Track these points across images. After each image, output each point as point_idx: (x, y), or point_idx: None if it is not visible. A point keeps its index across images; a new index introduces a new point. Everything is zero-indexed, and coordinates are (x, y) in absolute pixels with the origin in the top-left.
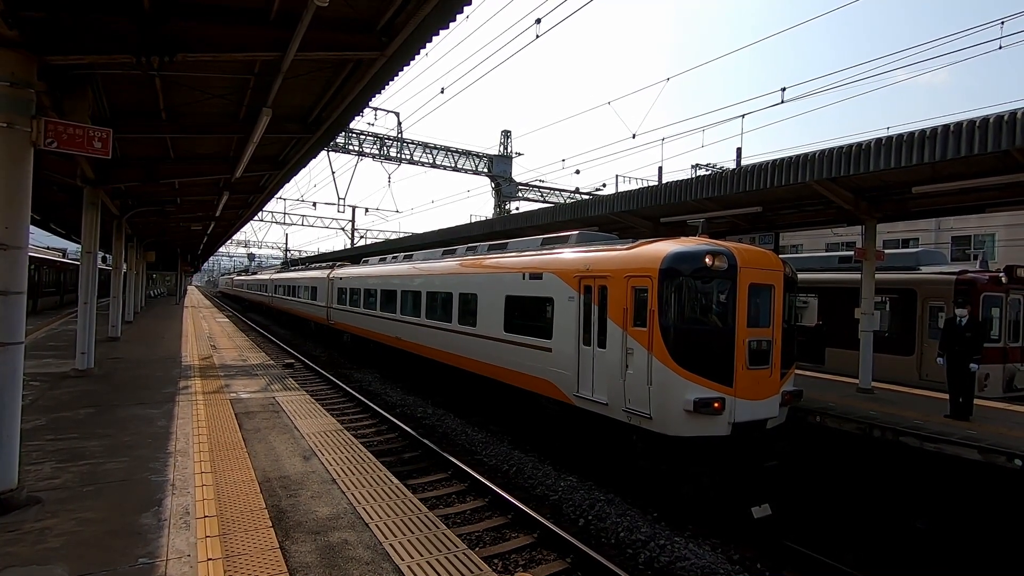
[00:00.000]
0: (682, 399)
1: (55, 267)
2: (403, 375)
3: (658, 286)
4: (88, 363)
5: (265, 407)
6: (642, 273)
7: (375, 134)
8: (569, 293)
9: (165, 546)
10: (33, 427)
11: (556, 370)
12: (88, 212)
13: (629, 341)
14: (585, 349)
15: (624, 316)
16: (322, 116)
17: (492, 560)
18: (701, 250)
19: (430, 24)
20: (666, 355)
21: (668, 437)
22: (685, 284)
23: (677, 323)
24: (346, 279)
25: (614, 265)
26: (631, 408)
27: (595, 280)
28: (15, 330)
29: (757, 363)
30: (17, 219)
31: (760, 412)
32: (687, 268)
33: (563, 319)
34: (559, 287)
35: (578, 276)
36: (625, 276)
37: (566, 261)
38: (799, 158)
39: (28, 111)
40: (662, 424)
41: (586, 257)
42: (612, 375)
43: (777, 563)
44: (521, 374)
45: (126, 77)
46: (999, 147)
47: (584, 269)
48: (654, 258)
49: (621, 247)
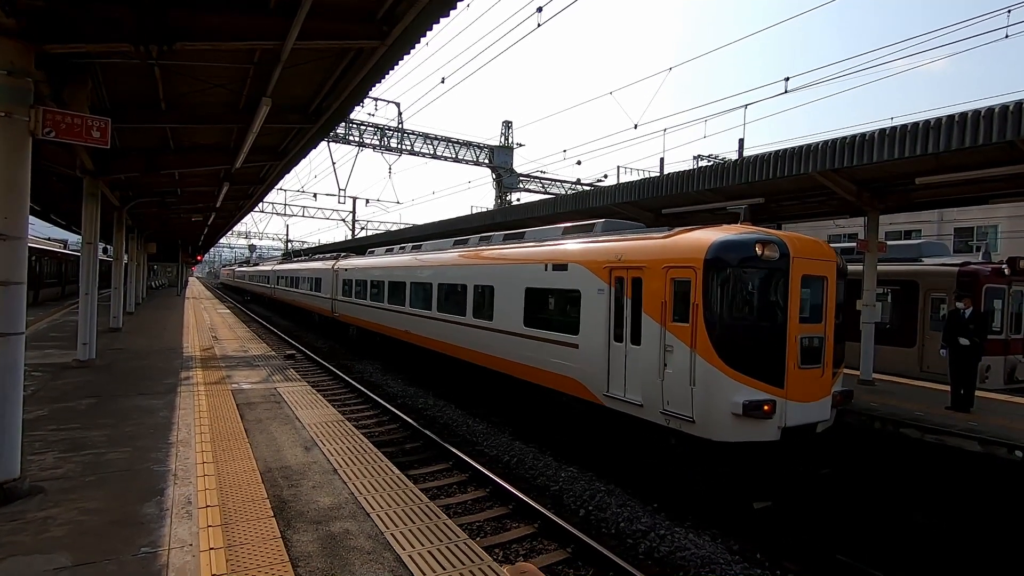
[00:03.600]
0: (729, 401)
1: (56, 258)
2: (404, 366)
3: (703, 278)
4: (90, 354)
5: (266, 398)
6: (684, 263)
7: (376, 124)
8: (598, 285)
9: (167, 535)
10: (35, 417)
11: (583, 368)
12: (88, 203)
13: (668, 337)
14: (616, 346)
15: (662, 310)
16: (322, 106)
17: (493, 550)
18: (750, 238)
19: (431, 12)
20: (712, 353)
21: (712, 442)
22: (733, 275)
23: (724, 318)
24: (351, 270)
25: (651, 255)
26: (670, 410)
27: (628, 271)
28: (16, 320)
29: (809, 362)
30: (16, 209)
31: (811, 415)
32: (735, 258)
33: (591, 313)
34: (586, 279)
35: (608, 267)
36: (663, 267)
37: (594, 251)
38: (802, 149)
39: (26, 100)
40: (706, 428)
41: (617, 247)
42: (648, 374)
43: (776, 554)
44: (543, 371)
45: (125, 66)
46: (1004, 137)
47: (616, 260)
48: (698, 247)
49: (656, 235)
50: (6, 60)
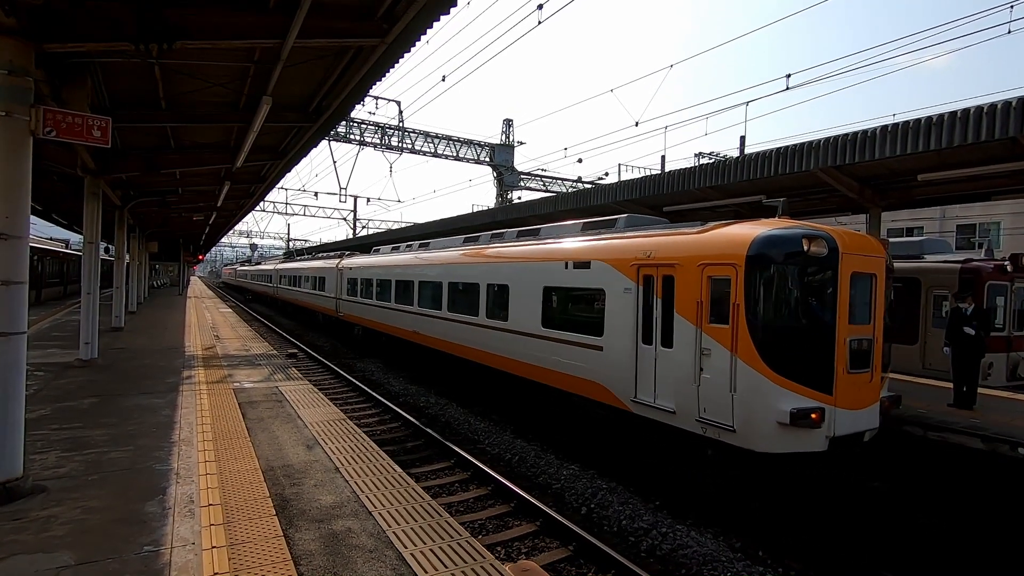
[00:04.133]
0: (775, 409)
1: (58, 258)
2: (406, 365)
3: (745, 276)
4: (92, 353)
5: (268, 396)
6: (723, 260)
7: (376, 123)
8: (624, 284)
9: (169, 534)
10: (38, 417)
11: (608, 372)
12: (89, 202)
13: (704, 340)
14: (645, 348)
15: (697, 311)
16: (323, 105)
17: (495, 547)
18: (796, 233)
19: (431, 10)
20: (755, 357)
21: (755, 454)
22: (779, 273)
23: (769, 320)
24: (356, 269)
25: (684, 252)
26: (707, 418)
27: (658, 269)
28: (17, 320)
29: (858, 366)
30: (17, 209)
31: (860, 423)
32: (780, 254)
33: (617, 313)
34: (612, 277)
35: (636, 265)
36: (699, 264)
37: (620, 248)
38: (804, 146)
39: (26, 100)
40: (748, 438)
41: (646, 243)
42: (681, 379)
43: (779, 552)
44: (563, 375)
45: (125, 65)
46: (1006, 133)
47: (644, 257)
48: (739, 243)
49: (689, 231)
50: (6, 59)
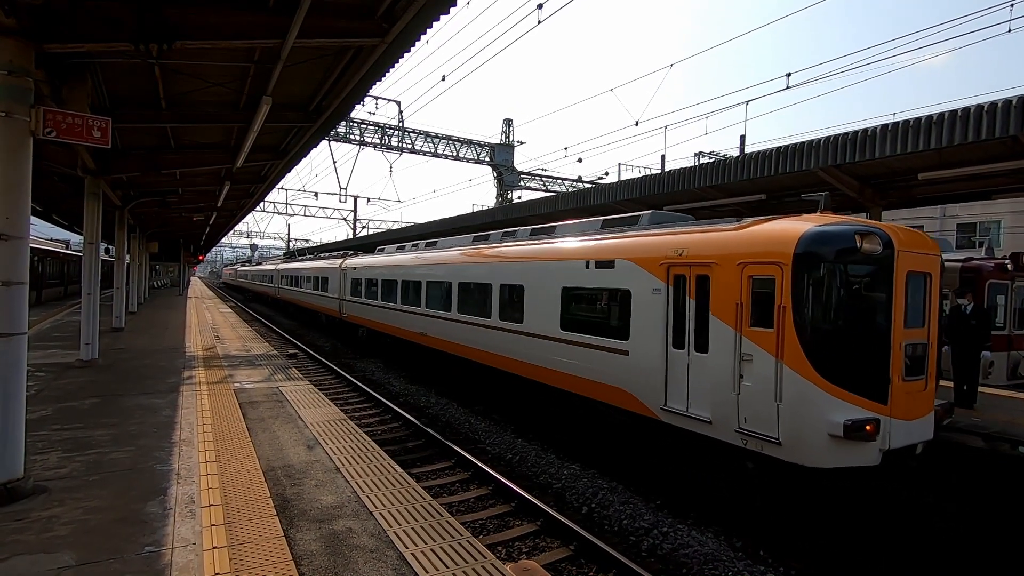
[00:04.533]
0: (827, 420)
1: (58, 258)
2: (407, 365)
3: (792, 276)
4: (92, 353)
5: (269, 397)
6: (766, 259)
7: (376, 123)
8: (653, 284)
9: (171, 534)
10: (39, 417)
11: (634, 378)
12: (89, 202)
13: (745, 344)
14: (676, 353)
15: (737, 313)
16: (323, 104)
17: (496, 547)
18: (848, 229)
19: (431, 9)
20: (804, 364)
21: (804, 469)
22: (830, 273)
23: (820, 323)
24: (361, 269)
25: (721, 250)
26: (748, 429)
27: (691, 268)
28: (18, 320)
29: (913, 373)
30: (17, 209)
31: (914, 435)
32: (831, 252)
33: (644, 315)
34: (638, 277)
35: (666, 264)
36: (739, 263)
37: (647, 246)
38: (804, 145)
39: (26, 100)
40: (796, 451)
41: (677, 240)
42: (718, 386)
43: (780, 551)
44: (584, 380)
45: (125, 65)
46: (1007, 132)
47: (675, 255)
48: (785, 240)
49: (725, 227)
50: (6, 59)
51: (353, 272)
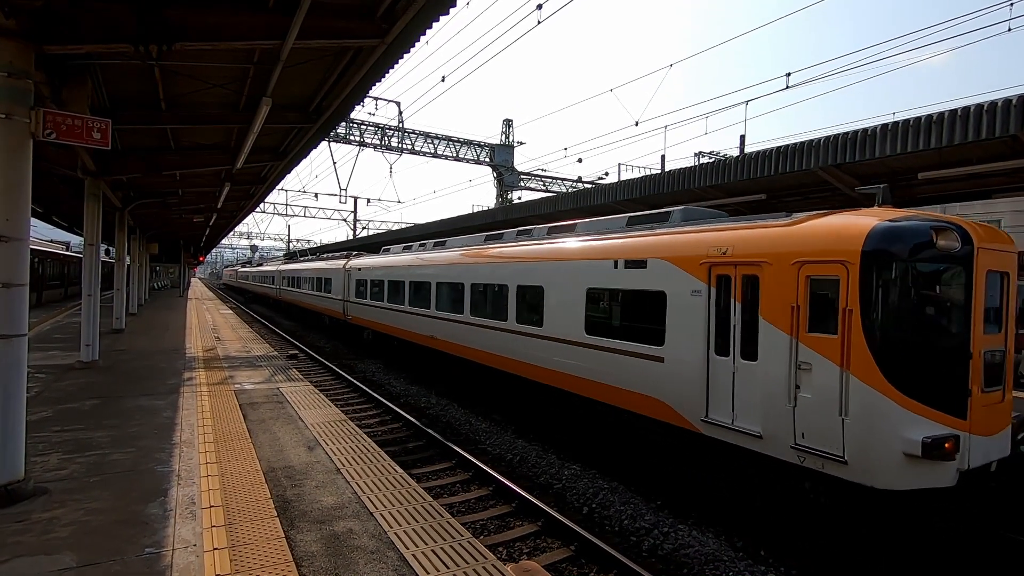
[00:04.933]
0: (902, 438)
1: (59, 260)
2: (407, 366)
3: (861, 276)
4: (93, 355)
5: (269, 398)
6: (828, 257)
7: (376, 124)
8: (692, 285)
9: (171, 536)
10: (39, 419)
11: (671, 386)
12: (89, 204)
13: (803, 352)
14: (719, 361)
15: (792, 317)
16: (323, 105)
17: (496, 548)
18: (922, 224)
19: (430, 10)
20: (875, 374)
21: (873, 491)
22: (904, 272)
23: (893, 328)
24: (366, 270)
25: (773, 247)
26: (806, 445)
27: (737, 268)
28: (18, 322)
29: (991, 383)
30: (17, 211)
31: (992, 452)
32: (905, 249)
33: (681, 319)
34: (675, 277)
35: (707, 263)
36: (794, 262)
37: (684, 244)
38: (804, 145)
39: (26, 102)
40: (864, 471)
41: (720, 238)
42: (770, 397)
43: (781, 551)
44: (612, 388)
45: (125, 67)
46: (1007, 131)
47: (718, 254)
48: (850, 236)
49: (774, 223)
50: (6, 61)
51: (358, 273)
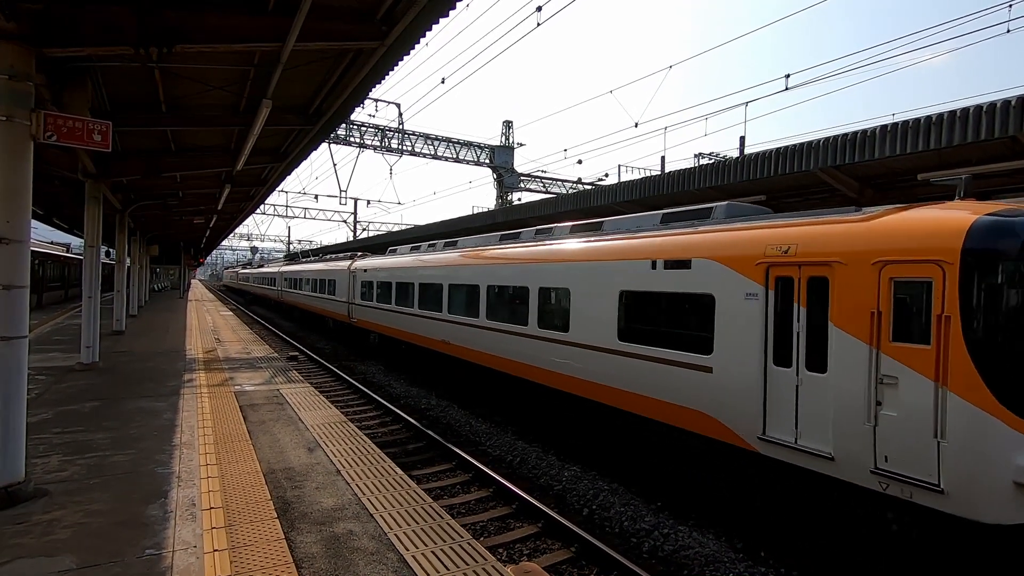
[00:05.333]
0: (1013, 465)
1: (59, 261)
2: (407, 367)
3: (961, 278)
4: (93, 357)
5: (269, 399)
6: (918, 256)
7: (376, 125)
8: (745, 287)
9: (171, 537)
10: (40, 420)
11: (721, 399)
12: (90, 206)
13: (886, 364)
14: (780, 372)
15: (872, 324)
16: (323, 107)
17: (497, 549)
18: None
19: (430, 12)
20: (980, 390)
21: (978, 525)
22: (1012, 274)
23: (1004, 339)
24: (372, 271)
25: (846, 245)
26: (890, 470)
27: (801, 269)
28: (19, 324)
29: None
30: (18, 213)
31: None
32: (1016, 247)
33: (733, 325)
34: (725, 279)
35: (764, 263)
36: (875, 262)
37: (736, 242)
38: (804, 146)
39: (27, 104)
40: (968, 503)
41: (778, 235)
42: (844, 415)
43: (781, 552)
44: (650, 400)
45: (125, 69)
46: (1006, 132)
47: (778, 253)
48: (945, 232)
49: (845, 218)
50: (6, 64)
51: (364, 274)
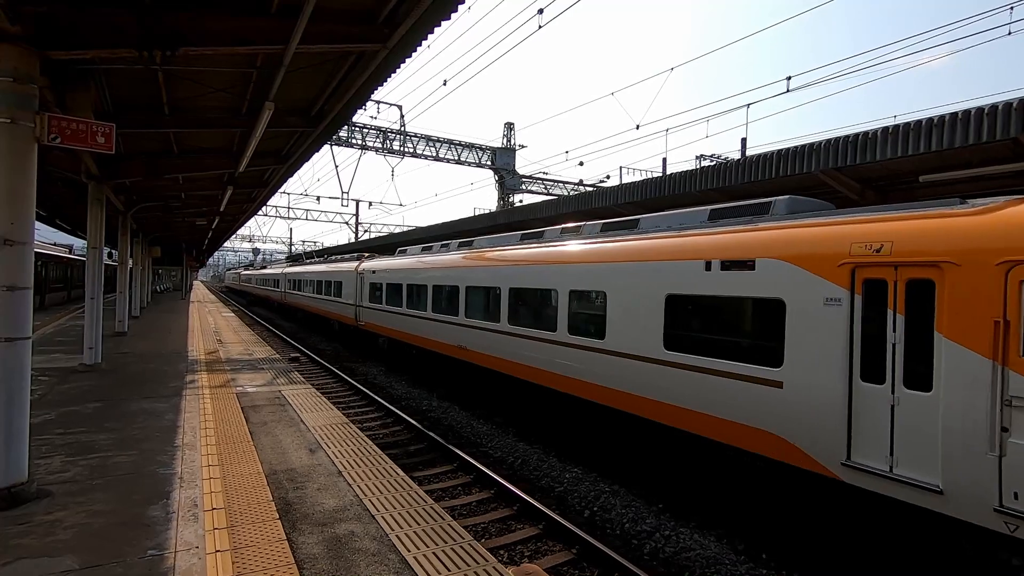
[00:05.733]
0: None
1: (62, 263)
2: (408, 369)
3: None
4: (96, 358)
5: (271, 401)
6: None
7: (378, 127)
8: (825, 292)
9: (174, 538)
10: (42, 421)
11: (793, 418)
12: (93, 207)
13: (1016, 383)
14: (868, 389)
15: (996, 336)
16: (324, 109)
17: (498, 551)
18: None
19: (432, 15)
20: None
21: None
22: None
23: None
24: (381, 273)
25: (960, 242)
26: (1020, 510)
27: (899, 270)
28: (22, 325)
29: None
30: (22, 215)
31: None
32: None
33: (809, 334)
34: (798, 282)
35: (850, 264)
36: (1000, 263)
37: (811, 239)
38: (805, 148)
39: (31, 107)
40: None
41: (867, 231)
42: (958, 441)
43: (782, 554)
44: (704, 416)
45: (128, 72)
46: (1007, 134)
47: (867, 252)
48: None
49: (951, 211)
50: (11, 67)
51: (372, 276)
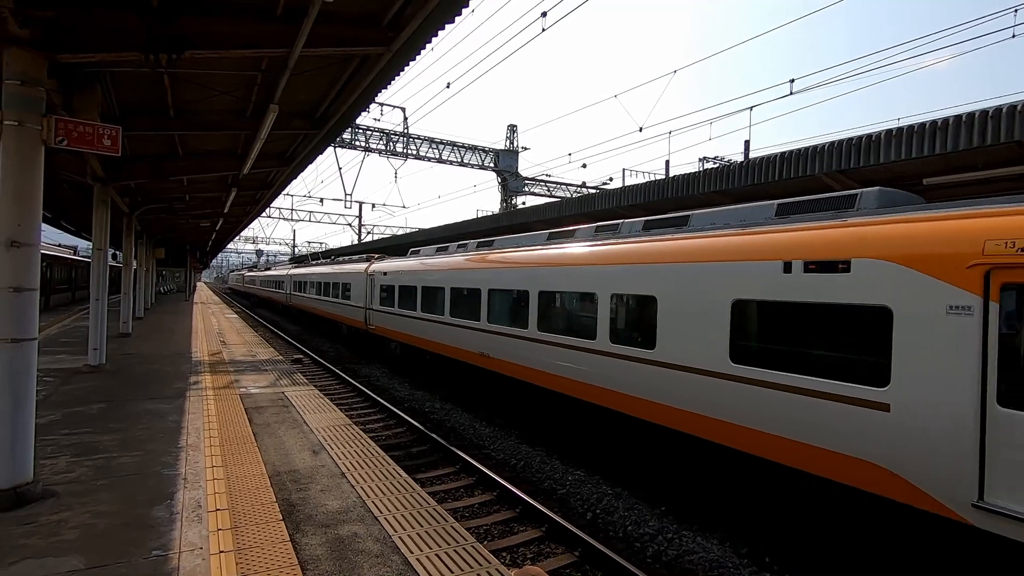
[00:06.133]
0: None
1: (66, 264)
2: (410, 370)
3: None
4: (100, 359)
5: (274, 402)
6: None
7: (381, 129)
8: (947, 298)
9: (178, 539)
10: (48, 422)
11: (903, 447)
12: (98, 209)
13: None
14: (1009, 416)
15: None
16: (328, 112)
17: (500, 553)
18: None
19: (436, 18)
20: None
21: None
22: None
23: None
24: (394, 274)
25: None
26: None
27: None
28: (28, 326)
29: None
30: (29, 217)
31: None
32: None
33: (925, 349)
34: (909, 286)
35: (983, 265)
36: None
37: (926, 236)
38: (808, 150)
39: (39, 109)
40: None
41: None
42: None
43: (785, 558)
44: (785, 441)
45: (135, 75)
46: (1012, 137)
47: (1008, 251)
48: None
49: None
50: (19, 70)
51: (383, 278)
